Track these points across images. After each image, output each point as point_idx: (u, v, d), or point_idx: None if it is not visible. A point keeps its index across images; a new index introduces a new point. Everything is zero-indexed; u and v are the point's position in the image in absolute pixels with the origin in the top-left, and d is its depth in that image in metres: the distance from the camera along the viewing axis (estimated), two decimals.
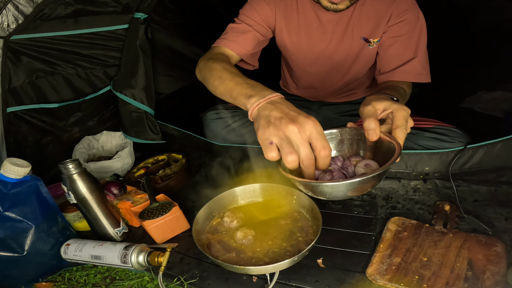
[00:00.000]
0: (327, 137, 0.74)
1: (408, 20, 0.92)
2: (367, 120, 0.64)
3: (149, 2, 1.14)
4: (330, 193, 0.61)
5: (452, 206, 0.80)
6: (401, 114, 0.64)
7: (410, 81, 0.94)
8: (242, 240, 0.73)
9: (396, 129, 0.63)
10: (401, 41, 0.94)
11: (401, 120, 0.64)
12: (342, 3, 0.87)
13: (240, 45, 0.98)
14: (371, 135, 0.63)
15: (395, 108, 0.65)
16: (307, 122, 0.56)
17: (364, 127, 0.64)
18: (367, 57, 1.02)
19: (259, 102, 0.62)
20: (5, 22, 0.88)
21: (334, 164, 0.71)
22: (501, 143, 0.83)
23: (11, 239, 0.74)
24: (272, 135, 0.56)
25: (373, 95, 0.76)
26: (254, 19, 1.00)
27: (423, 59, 0.94)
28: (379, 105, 0.67)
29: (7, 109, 1.02)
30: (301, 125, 0.55)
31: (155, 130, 1.25)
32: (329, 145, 0.57)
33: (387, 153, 0.65)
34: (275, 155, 0.56)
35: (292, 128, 0.55)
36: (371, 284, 0.64)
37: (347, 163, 0.71)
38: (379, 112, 0.67)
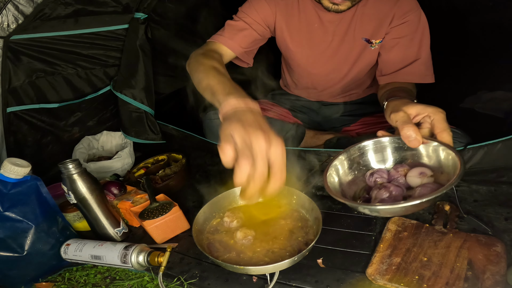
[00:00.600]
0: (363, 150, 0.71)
1: (410, 21, 0.92)
2: (405, 127, 0.61)
3: (149, 2, 1.14)
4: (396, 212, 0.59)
5: (452, 206, 0.80)
6: (441, 116, 0.62)
7: (414, 82, 0.93)
8: (242, 240, 0.73)
9: (443, 132, 0.61)
10: (403, 42, 0.94)
11: (443, 122, 0.62)
12: (343, 4, 0.87)
13: (235, 42, 0.97)
14: (413, 142, 0.60)
15: (431, 111, 0.63)
16: (277, 141, 0.52)
17: (403, 135, 0.61)
18: (368, 58, 1.02)
19: (238, 103, 0.59)
20: (5, 22, 0.88)
21: (380, 177, 0.67)
22: (501, 144, 0.83)
23: (11, 239, 0.75)
24: (238, 133, 0.52)
25: (394, 101, 0.73)
26: (253, 18, 1.00)
27: (427, 60, 0.93)
28: (411, 110, 0.64)
29: (7, 109, 1.02)
30: (270, 141, 0.51)
31: (155, 130, 1.25)
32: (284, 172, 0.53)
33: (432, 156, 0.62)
34: (229, 152, 0.52)
35: (260, 139, 0.51)
36: (371, 284, 0.64)
37: (394, 173, 0.67)
38: (412, 117, 0.65)
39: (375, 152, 0.71)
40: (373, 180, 0.68)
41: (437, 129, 0.62)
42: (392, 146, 0.69)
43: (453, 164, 0.59)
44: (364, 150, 0.71)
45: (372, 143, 0.70)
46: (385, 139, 0.69)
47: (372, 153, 0.71)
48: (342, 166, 0.70)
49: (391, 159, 0.70)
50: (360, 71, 1.07)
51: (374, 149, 0.70)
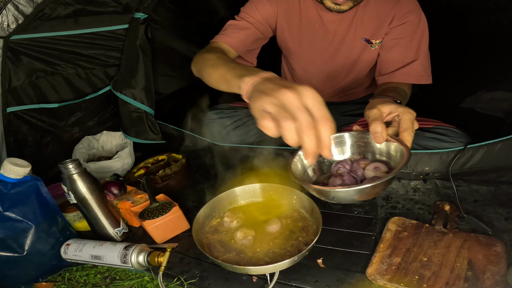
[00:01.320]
0: (335, 141, 0.74)
1: (410, 22, 0.92)
2: (373, 123, 0.64)
3: (149, 2, 1.14)
4: (342, 198, 0.62)
5: (452, 206, 0.80)
6: (408, 117, 0.64)
7: (411, 82, 0.94)
8: (242, 240, 0.73)
9: (404, 132, 0.63)
10: (403, 43, 0.94)
11: (408, 123, 0.64)
12: (345, 4, 0.87)
13: (237, 40, 0.98)
14: (377, 138, 0.63)
15: (401, 111, 0.65)
16: (304, 89, 0.51)
17: (371, 130, 0.64)
18: (368, 58, 1.02)
19: (253, 79, 0.58)
20: (5, 22, 0.88)
21: (343, 167, 0.72)
22: (501, 143, 0.83)
23: (11, 239, 0.75)
24: (266, 102, 0.51)
25: (377, 98, 0.76)
26: (255, 17, 1.00)
27: (424, 61, 0.94)
28: (385, 108, 0.67)
29: (7, 109, 1.02)
30: (298, 91, 0.50)
31: (155, 130, 1.25)
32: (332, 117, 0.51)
33: (395, 155, 0.65)
34: (270, 124, 0.50)
35: (288, 94, 0.50)
36: (371, 284, 0.64)
37: (356, 166, 0.71)
38: (385, 115, 0.67)
39: (345, 145, 0.75)
40: (336, 169, 0.72)
41: (401, 128, 0.64)
42: (362, 141, 0.73)
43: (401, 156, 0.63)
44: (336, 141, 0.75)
45: (344, 135, 0.74)
46: (346, 134, 0.73)
47: (342, 145, 0.75)
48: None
49: (349, 153, 0.75)
50: (360, 71, 1.08)
51: (344, 141, 0.74)
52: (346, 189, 0.58)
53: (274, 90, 0.51)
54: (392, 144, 0.66)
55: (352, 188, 0.58)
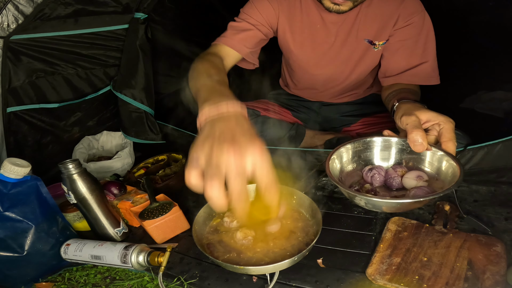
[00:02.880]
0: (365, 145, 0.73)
1: (415, 23, 0.91)
2: (414, 131, 0.62)
3: (149, 2, 1.14)
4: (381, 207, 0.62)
5: (452, 206, 0.80)
6: (450, 126, 0.64)
7: (420, 84, 0.93)
8: (242, 240, 0.73)
9: (448, 142, 0.63)
10: (408, 44, 0.93)
11: (451, 133, 0.63)
12: (345, 5, 0.86)
13: (239, 42, 0.97)
14: (418, 146, 0.62)
15: (442, 120, 0.64)
16: (251, 147, 0.43)
17: (410, 138, 0.63)
18: (371, 59, 1.02)
19: (210, 112, 0.52)
20: (5, 22, 0.88)
21: (378, 174, 0.70)
22: (501, 144, 0.83)
23: (11, 239, 0.74)
24: (199, 152, 0.44)
25: (407, 103, 0.74)
26: (256, 18, 0.99)
27: (433, 62, 0.93)
28: (423, 116, 0.66)
29: (7, 109, 1.02)
30: (240, 148, 0.43)
31: (155, 130, 1.25)
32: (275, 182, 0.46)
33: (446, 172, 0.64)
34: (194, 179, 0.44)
35: (226, 150, 0.42)
36: (371, 284, 0.64)
37: (392, 173, 0.70)
38: (422, 122, 0.66)
39: (381, 150, 0.74)
40: (370, 176, 0.71)
41: (444, 138, 0.63)
42: (397, 146, 0.72)
43: (452, 172, 0.62)
44: (370, 145, 0.74)
45: (381, 140, 0.73)
46: (393, 139, 0.72)
47: (378, 150, 0.74)
48: (346, 154, 0.74)
49: (393, 159, 0.73)
50: (362, 72, 1.07)
51: (381, 146, 0.73)
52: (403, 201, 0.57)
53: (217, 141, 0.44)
54: (445, 159, 0.64)
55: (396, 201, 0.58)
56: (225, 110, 0.52)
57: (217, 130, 0.47)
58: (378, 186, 0.71)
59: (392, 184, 0.70)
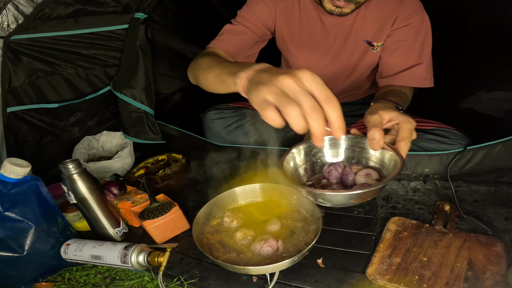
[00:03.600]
0: (329, 142, 0.75)
1: (413, 23, 0.91)
2: (372, 129, 0.63)
3: (149, 2, 1.14)
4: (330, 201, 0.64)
5: (452, 206, 0.80)
6: (407, 126, 0.64)
7: (413, 86, 0.93)
8: (242, 241, 0.73)
9: (401, 141, 0.63)
10: (405, 45, 0.92)
11: (406, 132, 0.64)
12: (348, 7, 0.84)
13: (233, 46, 0.96)
14: (374, 145, 0.63)
15: (401, 120, 0.65)
16: (302, 72, 0.48)
17: (368, 136, 0.64)
18: (370, 60, 1.01)
19: (248, 73, 0.56)
20: (5, 22, 0.88)
21: (335, 170, 0.72)
22: (501, 144, 0.83)
23: (11, 239, 0.75)
24: (265, 92, 0.48)
25: (378, 103, 0.75)
26: (251, 21, 0.98)
27: (428, 64, 0.92)
28: (386, 115, 0.66)
29: (7, 109, 1.02)
30: (296, 76, 0.48)
31: (155, 130, 1.25)
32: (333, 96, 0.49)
33: (389, 164, 0.65)
34: (273, 114, 0.47)
35: (286, 79, 0.47)
36: (371, 284, 0.64)
37: (348, 170, 0.71)
38: (385, 121, 0.67)
39: (330, 148, 0.76)
40: (328, 171, 0.73)
41: (398, 137, 0.64)
42: (357, 145, 0.74)
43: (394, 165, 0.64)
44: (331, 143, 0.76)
45: (328, 139, 0.75)
46: (352, 137, 0.74)
47: (337, 148, 0.76)
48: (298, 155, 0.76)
49: (342, 156, 0.76)
50: (362, 73, 1.07)
51: (339, 144, 0.75)
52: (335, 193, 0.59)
53: (271, 79, 0.49)
54: (387, 153, 0.66)
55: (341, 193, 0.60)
56: (258, 67, 0.55)
57: (263, 76, 0.51)
58: (335, 182, 0.73)
59: (347, 180, 0.71)
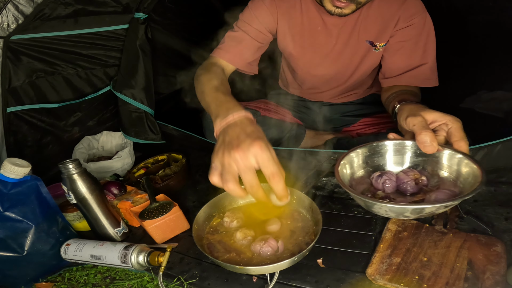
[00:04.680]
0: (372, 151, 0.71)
1: (416, 24, 0.91)
2: (423, 132, 0.61)
3: (149, 2, 1.14)
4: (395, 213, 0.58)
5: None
6: (458, 125, 0.62)
7: (418, 85, 0.92)
8: (242, 241, 0.73)
9: (460, 141, 0.61)
10: (408, 45, 0.92)
11: (461, 131, 0.62)
12: (348, 8, 0.84)
13: (236, 55, 0.96)
14: (428, 148, 0.61)
15: (449, 119, 0.63)
16: (252, 147, 0.55)
17: (419, 139, 0.61)
18: (372, 60, 1.01)
19: (221, 124, 0.64)
20: (5, 22, 0.88)
21: (389, 180, 0.67)
22: (501, 144, 0.83)
23: (11, 239, 0.75)
24: (216, 159, 0.58)
25: (410, 104, 0.73)
26: (253, 26, 0.98)
27: (433, 64, 0.92)
28: (429, 116, 0.64)
29: (7, 109, 1.02)
30: (244, 151, 0.55)
31: (155, 130, 1.25)
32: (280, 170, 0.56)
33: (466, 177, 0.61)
34: (215, 180, 0.58)
35: (234, 154, 0.55)
36: (371, 284, 0.64)
37: (404, 177, 0.67)
38: (428, 123, 0.64)
39: (395, 154, 0.70)
40: (381, 182, 0.67)
41: (455, 137, 0.62)
42: (412, 150, 0.69)
43: (473, 173, 0.59)
44: (380, 150, 0.71)
45: (393, 144, 0.70)
46: (407, 142, 0.69)
47: (391, 154, 0.70)
48: (357, 159, 0.71)
49: (407, 163, 0.70)
50: (363, 73, 1.07)
51: (394, 150, 0.70)
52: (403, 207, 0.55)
53: (226, 148, 0.57)
54: (464, 161, 0.61)
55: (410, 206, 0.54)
56: (231, 119, 0.63)
57: (227, 138, 0.59)
58: (391, 192, 0.67)
59: (407, 189, 0.66)
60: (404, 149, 0.70)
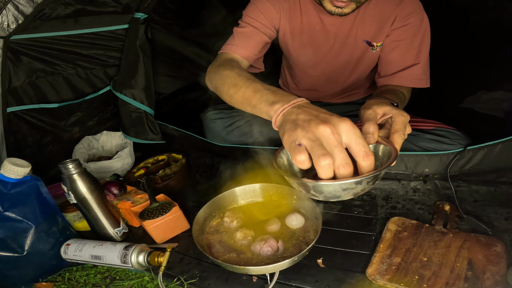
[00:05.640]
0: None
1: (412, 23, 0.91)
2: (366, 123, 0.63)
3: (149, 2, 1.14)
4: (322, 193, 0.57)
5: (452, 206, 0.80)
6: (400, 119, 0.64)
7: (409, 86, 0.92)
8: (242, 241, 0.73)
9: (394, 133, 0.63)
10: (403, 45, 0.92)
11: (400, 125, 0.64)
12: (348, 7, 0.84)
13: (248, 50, 0.95)
14: (369, 138, 0.63)
15: (394, 113, 0.66)
16: (342, 123, 0.49)
17: (363, 130, 0.64)
18: (369, 60, 1.01)
19: (284, 107, 0.56)
20: (5, 22, 0.88)
21: None
22: (501, 144, 0.83)
23: (11, 239, 0.74)
24: (300, 136, 0.50)
25: (373, 99, 0.76)
26: (260, 21, 0.97)
27: (425, 65, 0.92)
28: (380, 110, 0.67)
29: (7, 109, 1.02)
30: (334, 126, 0.49)
31: (155, 130, 1.25)
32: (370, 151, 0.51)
33: (383, 157, 0.65)
34: (304, 158, 0.49)
35: (324, 128, 0.49)
36: (371, 284, 0.64)
37: None
38: (379, 116, 0.67)
39: None
40: None
41: (392, 129, 0.64)
42: None
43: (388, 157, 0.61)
44: None
45: None
46: None
47: None
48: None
49: None
50: (361, 73, 1.07)
51: None
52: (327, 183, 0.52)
53: (308, 123, 0.50)
54: (381, 146, 0.64)
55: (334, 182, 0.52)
56: (297, 102, 0.57)
57: (301, 117, 0.52)
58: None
59: None
60: None
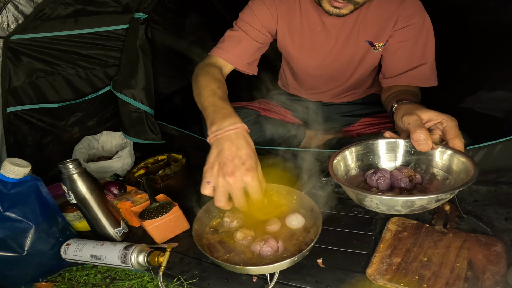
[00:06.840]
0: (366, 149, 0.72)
1: (414, 24, 0.91)
2: (417, 130, 0.62)
3: (149, 2, 1.14)
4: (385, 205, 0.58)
5: (452, 206, 0.80)
6: (453, 124, 0.63)
7: (418, 85, 0.92)
8: (242, 241, 0.73)
9: (455, 139, 0.61)
10: (407, 45, 0.92)
11: (456, 130, 0.62)
12: (346, 8, 0.84)
13: (235, 55, 0.96)
14: (422, 145, 0.61)
15: (444, 118, 0.64)
16: (245, 177, 0.63)
17: (413, 137, 0.62)
18: (371, 60, 1.01)
19: (216, 134, 0.69)
20: (5, 22, 0.88)
21: (383, 177, 0.68)
22: (501, 144, 0.83)
23: (11, 239, 0.74)
24: (212, 177, 0.65)
25: (407, 104, 0.74)
26: (253, 26, 0.98)
27: (432, 64, 0.92)
28: (424, 115, 0.65)
29: (7, 109, 1.02)
30: (237, 178, 0.63)
31: (155, 130, 1.25)
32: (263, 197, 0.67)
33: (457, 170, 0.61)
34: (207, 193, 0.66)
35: (228, 179, 0.63)
36: (371, 284, 0.64)
37: (398, 174, 0.67)
38: (424, 122, 0.65)
39: (387, 152, 0.71)
40: (375, 179, 0.68)
41: (449, 135, 0.62)
42: (403, 148, 0.70)
43: (465, 169, 0.60)
44: (374, 148, 0.72)
45: (385, 143, 0.71)
46: (399, 141, 0.70)
47: (384, 152, 0.71)
48: (351, 157, 0.72)
49: (400, 161, 0.71)
50: (363, 73, 1.07)
51: (386, 148, 0.71)
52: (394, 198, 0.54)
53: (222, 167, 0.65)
54: (455, 158, 0.62)
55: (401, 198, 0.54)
56: (226, 132, 0.68)
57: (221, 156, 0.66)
58: (385, 189, 0.67)
59: (401, 186, 0.66)
60: (398, 147, 0.71)
